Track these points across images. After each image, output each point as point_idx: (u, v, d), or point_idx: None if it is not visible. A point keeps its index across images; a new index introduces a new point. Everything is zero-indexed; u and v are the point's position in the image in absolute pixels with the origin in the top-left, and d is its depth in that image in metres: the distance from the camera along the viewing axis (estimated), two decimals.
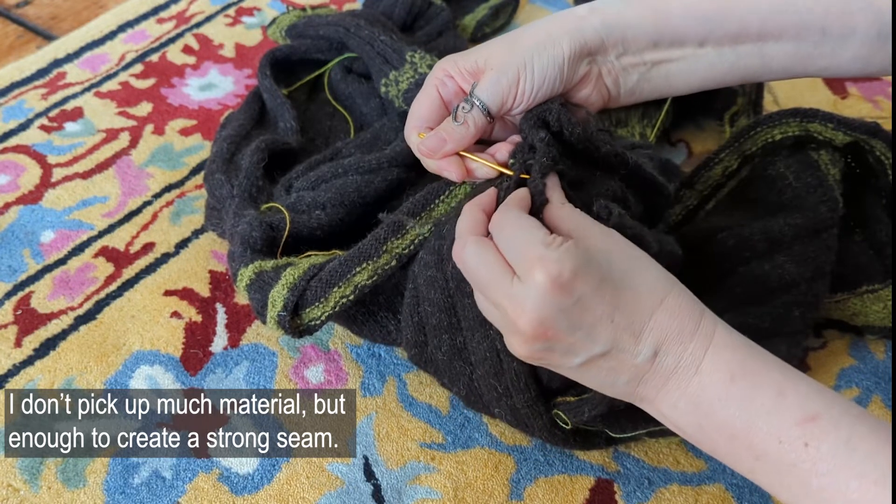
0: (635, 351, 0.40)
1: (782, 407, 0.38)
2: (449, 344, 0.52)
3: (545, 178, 0.44)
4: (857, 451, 0.36)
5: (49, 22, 0.99)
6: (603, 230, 0.42)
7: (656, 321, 0.40)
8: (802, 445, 0.37)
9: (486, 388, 0.52)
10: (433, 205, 0.56)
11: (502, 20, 0.95)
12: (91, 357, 0.61)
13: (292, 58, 0.80)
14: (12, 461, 0.55)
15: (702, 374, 0.40)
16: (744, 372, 0.39)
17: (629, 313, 0.40)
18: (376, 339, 0.59)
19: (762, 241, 0.56)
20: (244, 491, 0.53)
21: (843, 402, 0.38)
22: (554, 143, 0.46)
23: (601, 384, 0.43)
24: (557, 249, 0.39)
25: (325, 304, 0.54)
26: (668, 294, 0.41)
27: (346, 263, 0.54)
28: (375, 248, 0.54)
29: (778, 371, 0.39)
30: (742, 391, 0.39)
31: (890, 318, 0.57)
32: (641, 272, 0.41)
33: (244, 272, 0.56)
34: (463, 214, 0.44)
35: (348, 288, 0.54)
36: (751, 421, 0.38)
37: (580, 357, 0.41)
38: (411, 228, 0.55)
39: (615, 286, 0.40)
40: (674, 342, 0.40)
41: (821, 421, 0.37)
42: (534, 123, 0.47)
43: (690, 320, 0.40)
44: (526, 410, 0.51)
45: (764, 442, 0.38)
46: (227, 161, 0.69)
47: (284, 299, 0.53)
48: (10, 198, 0.74)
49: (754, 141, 0.62)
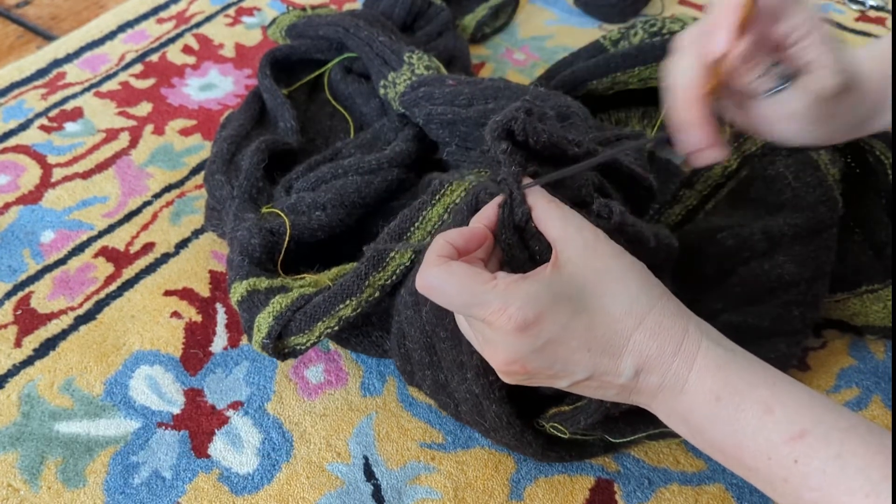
0: (617, 372, 0.40)
1: (769, 425, 0.37)
2: (432, 379, 0.53)
3: (521, 187, 0.43)
4: (847, 465, 0.35)
5: (49, 22, 0.99)
6: (588, 240, 0.41)
7: (635, 342, 0.40)
8: (792, 462, 0.37)
9: (473, 422, 0.52)
10: (409, 233, 0.56)
11: (502, 20, 0.95)
12: (91, 357, 0.61)
13: (292, 58, 0.80)
14: (12, 461, 0.55)
15: (687, 393, 0.40)
16: (729, 392, 0.39)
17: (605, 339, 0.39)
18: (372, 354, 0.60)
19: (762, 240, 0.56)
20: (244, 491, 0.53)
21: (833, 415, 0.37)
22: (516, 150, 0.45)
23: (594, 396, 0.43)
24: (517, 294, 0.38)
25: (309, 334, 0.54)
26: (648, 313, 0.40)
27: (330, 299, 0.54)
28: (358, 285, 0.54)
29: (765, 386, 0.39)
30: (728, 411, 0.39)
31: (890, 318, 0.57)
32: (619, 293, 0.40)
33: (237, 287, 0.56)
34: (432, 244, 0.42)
35: (332, 321, 0.54)
36: (738, 440, 0.38)
37: (564, 382, 0.41)
38: (391, 259, 0.55)
39: (588, 314, 0.39)
40: (655, 362, 0.40)
41: (809, 437, 0.37)
42: (497, 135, 0.46)
43: (671, 340, 0.40)
44: (514, 442, 0.51)
45: (753, 459, 0.38)
46: (227, 161, 0.69)
47: (269, 327, 0.54)
48: (10, 198, 0.74)
49: (754, 140, 0.62)
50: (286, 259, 0.60)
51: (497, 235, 0.43)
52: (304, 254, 0.61)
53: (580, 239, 0.41)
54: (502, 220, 0.43)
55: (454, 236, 0.42)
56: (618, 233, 0.43)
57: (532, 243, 0.43)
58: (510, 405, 0.49)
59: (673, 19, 0.77)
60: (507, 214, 0.43)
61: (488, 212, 0.44)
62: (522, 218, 0.43)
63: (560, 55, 0.82)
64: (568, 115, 0.63)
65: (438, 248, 0.41)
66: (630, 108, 0.77)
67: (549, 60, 0.88)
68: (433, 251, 0.41)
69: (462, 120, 0.65)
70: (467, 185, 0.58)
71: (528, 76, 0.87)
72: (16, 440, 0.56)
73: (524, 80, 0.85)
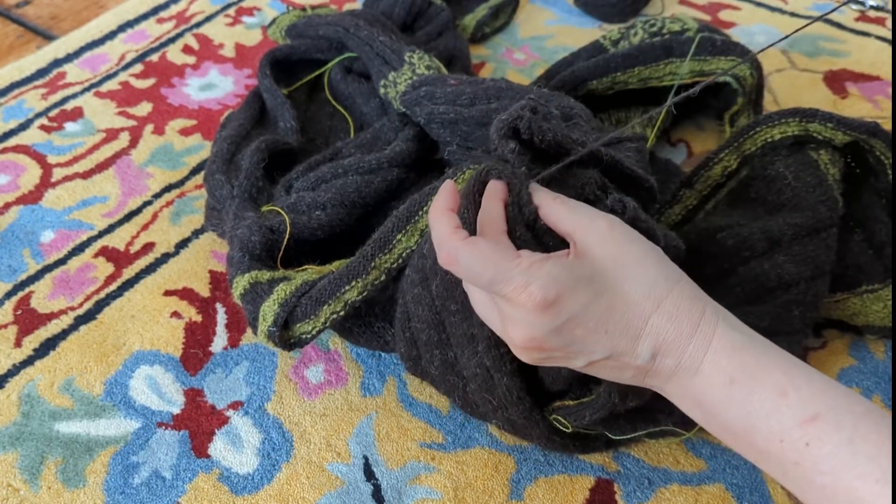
0: (634, 354, 0.40)
1: (783, 408, 0.38)
2: (440, 359, 0.52)
3: (528, 188, 0.44)
4: (859, 450, 0.36)
5: (49, 22, 0.99)
6: (603, 229, 0.41)
7: (652, 325, 0.40)
8: (804, 445, 0.37)
9: (481, 401, 0.52)
10: (417, 217, 0.56)
11: (502, 20, 0.95)
12: (91, 357, 0.61)
13: (292, 58, 0.81)
14: (12, 461, 0.55)
15: (702, 375, 0.40)
16: (743, 375, 0.39)
17: (624, 321, 0.40)
18: (374, 347, 0.59)
19: (762, 240, 0.56)
20: (244, 491, 0.53)
21: (847, 400, 0.38)
22: (524, 150, 0.46)
23: (609, 377, 0.43)
24: (539, 273, 0.39)
25: (315, 320, 0.54)
26: (667, 297, 0.40)
27: (335, 281, 0.54)
28: (364, 266, 0.54)
29: (780, 371, 0.39)
30: (742, 394, 0.39)
31: (890, 318, 0.57)
32: (637, 276, 0.40)
33: (239, 281, 0.56)
34: (433, 222, 0.43)
35: (338, 304, 0.54)
36: (751, 423, 0.38)
37: (581, 361, 0.41)
38: (398, 242, 0.55)
39: (608, 296, 0.40)
40: (672, 345, 0.40)
41: (822, 421, 0.37)
42: (504, 134, 0.46)
43: (689, 323, 0.40)
44: (522, 421, 0.51)
45: (765, 442, 0.38)
46: (227, 161, 0.69)
47: (275, 314, 0.54)
48: (10, 198, 0.74)
49: (754, 141, 0.62)
50: (286, 260, 0.60)
51: (510, 233, 0.43)
52: (303, 253, 0.61)
53: (594, 228, 0.41)
54: (513, 218, 0.43)
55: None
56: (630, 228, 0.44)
57: (546, 239, 0.44)
58: (521, 379, 0.49)
59: (673, 19, 0.77)
60: (516, 212, 0.44)
61: (446, 197, 0.43)
62: (530, 217, 0.43)
63: (560, 55, 0.82)
64: (571, 116, 0.63)
65: (454, 220, 0.42)
66: (630, 108, 0.76)
67: (549, 60, 0.88)
68: (450, 223, 0.41)
69: (464, 119, 0.65)
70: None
71: (528, 76, 0.87)
72: (16, 440, 0.56)
73: (524, 80, 0.85)
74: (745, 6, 0.98)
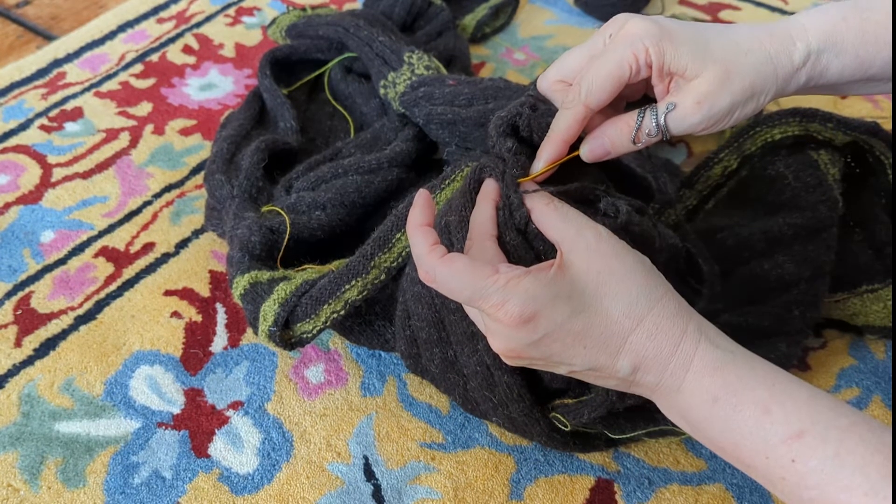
0: (614, 368, 0.41)
1: (766, 426, 0.38)
2: (440, 357, 0.52)
3: (519, 191, 0.43)
4: (845, 464, 0.35)
5: (49, 22, 0.99)
6: (590, 241, 0.41)
7: (632, 343, 0.40)
8: (789, 461, 0.37)
9: (481, 398, 0.52)
10: None
11: (502, 20, 0.95)
12: (91, 357, 0.61)
13: (292, 58, 0.81)
14: (12, 461, 0.55)
15: (684, 393, 0.40)
16: (726, 393, 0.39)
17: (602, 338, 0.40)
18: (374, 346, 0.59)
19: (761, 240, 0.56)
20: (244, 491, 0.53)
21: (833, 413, 0.38)
22: (522, 150, 0.45)
23: (596, 384, 0.44)
24: (516, 290, 0.39)
25: (315, 319, 0.54)
26: (647, 315, 0.40)
27: (335, 281, 0.54)
28: (364, 265, 0.54)
29: (764, 387, 0.39)
30: (725, 412, 0.39)
31: (890, 317, 0.57)
32: (619, 293, 0.40)
33: (240, 281, 0.56)
34: (410, 238, 0.42)
35: (339, 304, 0.54)
36: (735, 440, 0.39)
37: (563, 370, 0.42)
38: (398, 241, 0.55)
39: (586, 314, 0.40)
40: (652, 362, 0.40)
41: (807, 437, 0.37)
42: (503, 131, 0.46)
43: (669, 342, 0.40)
44: (522, 418, 0.51)
45: (751, 458, 0.38)
46: (227, 161, 0.69)
47: (275, 314, 0.54)
48: (10, 198, 0.74)
49: (754, 141, 0.62)
50: (286, 260, 0.60)
51: (500, 237, 0.43)
52: (303, 253, 0.61)
53: (581, 241, 0.41)
54: (503, 222, 0.43)
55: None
56: (623, 232, 0.43)
57: (536, 244, 0.43)
58: (521, 377, 0.49)
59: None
60: (507, 217, 0.43)
61: (422, 211, 0.43)
62: (521, 221, 0.43)
63: (560, 55, 0.82)
64: None
65: (431, 237, 0.41)
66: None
67: (549, 60, 0.88)
68: (426, 241, 0.41)
69: (462, 120, 0.65)
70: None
71: (528, 76, 0.87)
72: (16, 440, 0.56)
73: (524, 80, 0.85)
74: (746, 6, 0.98)
